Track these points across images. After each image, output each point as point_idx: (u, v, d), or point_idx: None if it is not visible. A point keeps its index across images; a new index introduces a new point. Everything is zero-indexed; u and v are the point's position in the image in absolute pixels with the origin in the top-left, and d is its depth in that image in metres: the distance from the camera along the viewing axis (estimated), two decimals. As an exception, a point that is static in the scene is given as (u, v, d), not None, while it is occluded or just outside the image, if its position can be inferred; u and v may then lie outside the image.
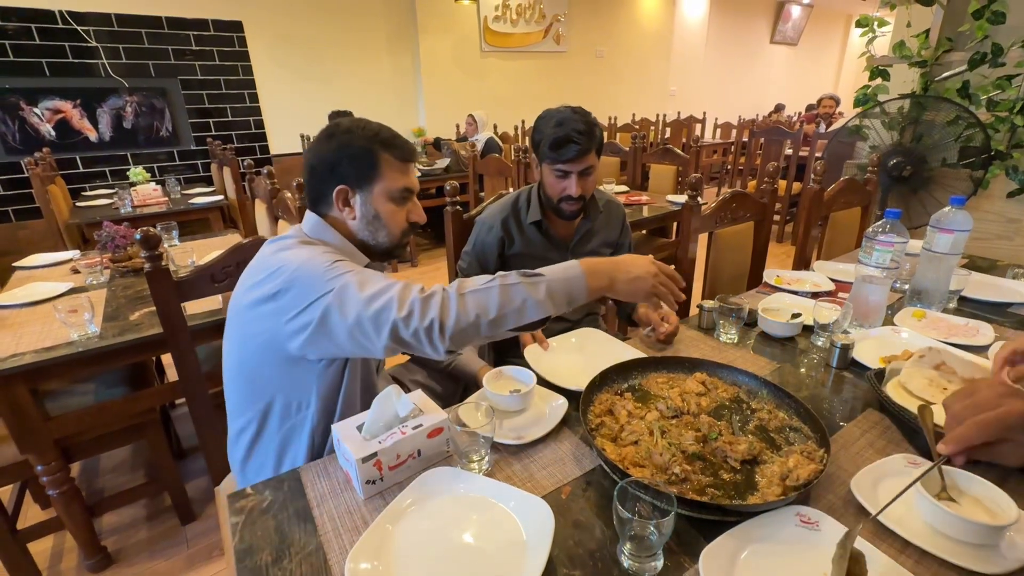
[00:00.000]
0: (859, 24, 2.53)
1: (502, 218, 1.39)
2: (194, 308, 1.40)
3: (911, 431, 0.87)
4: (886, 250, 1.22)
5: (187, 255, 1.89)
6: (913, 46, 2.48)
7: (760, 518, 0.68)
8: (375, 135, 0.90)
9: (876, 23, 2.51)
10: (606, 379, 0.98)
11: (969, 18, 2.27)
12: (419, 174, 4.03)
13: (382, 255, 0.98)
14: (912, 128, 2.57)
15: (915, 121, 2.56)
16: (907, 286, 1.44)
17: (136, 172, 3.69)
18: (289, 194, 1.83)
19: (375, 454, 0.75)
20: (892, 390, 0.93)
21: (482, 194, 3.68)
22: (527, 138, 5.61)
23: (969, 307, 1.38)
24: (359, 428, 0.80)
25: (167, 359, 2.25)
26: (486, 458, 0.81)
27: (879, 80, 2.60)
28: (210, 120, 4.67)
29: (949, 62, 2.46)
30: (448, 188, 1.50)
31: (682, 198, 2.45)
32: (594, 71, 6.90)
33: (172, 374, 2.15)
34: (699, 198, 1.66)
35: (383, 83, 5.48)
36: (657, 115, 6.95)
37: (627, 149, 3.31)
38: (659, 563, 0.63)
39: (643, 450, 0.80)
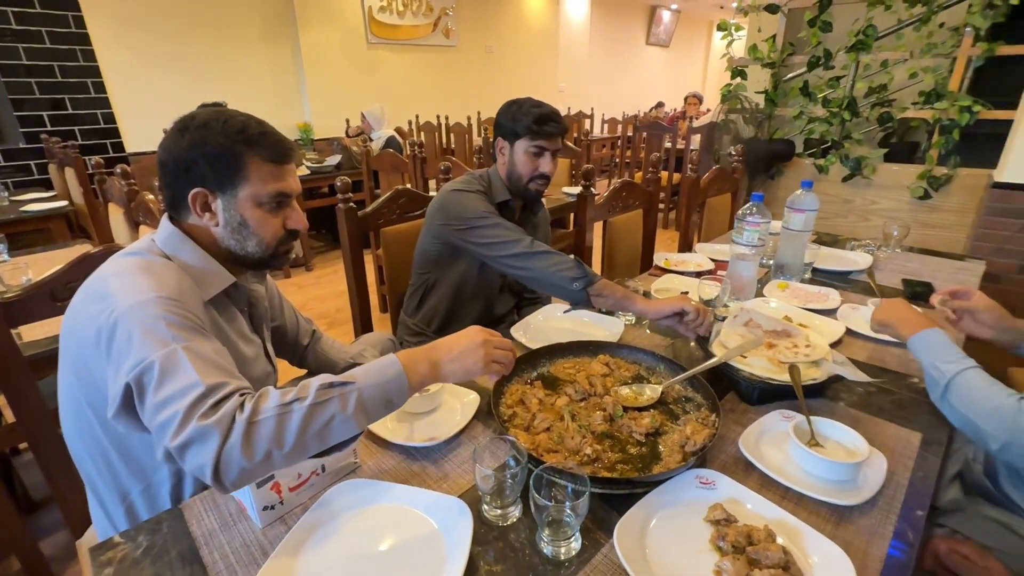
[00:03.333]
0: (720, 28, 2.80)
1: (479, 187, 1.36)
2: (34, 333, 1.18)
3: (732, 381, 0.98)
4: (754, 230, 1.36)
5: (21, 272, 1.59)
6: (764, 49, 2.80)
7: (665, 485, 0.72)
8: (239, 131, 0.77)
9: (734, 28, 2.79)
10: (515, 370, 0.98)
11: (805, 26, 2.61)
12: (308, 173, 3.77)
13: (255, 265, 0.86)
14: (768, 122, 2.91)
15: (769, 116, 2.90)
16: (771, 261, 1.62)
17: (-57, 176, 3.03)
18: (151, 196, 1.61)
19: (271, 476, 0.68)
20: (716, 349, 1.04)
21: (378, 191, 3.54)
22: (422, 133, 5.50)
23: (820, 277, 1.59)
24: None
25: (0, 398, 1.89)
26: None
27: (739, 79, 2.90)
28: (43, 114, 3.97)
29: (792, 64, 2.81)
30: (339, 184, 1.41)
31: (577, 189, 2.55)
32: (485, 66, 6.93)
33: (10, 414, 1.81)
34: (592, 189, 1.73)
35: (260, 74, 5.03)
36: (549, 111, 7.15)
37: (522, 143, 3.37)
38: (577, 544, 0.65)
39: (555, 435, 0.81)
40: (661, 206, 4.89)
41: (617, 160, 6.52)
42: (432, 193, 1.53)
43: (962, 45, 2.28)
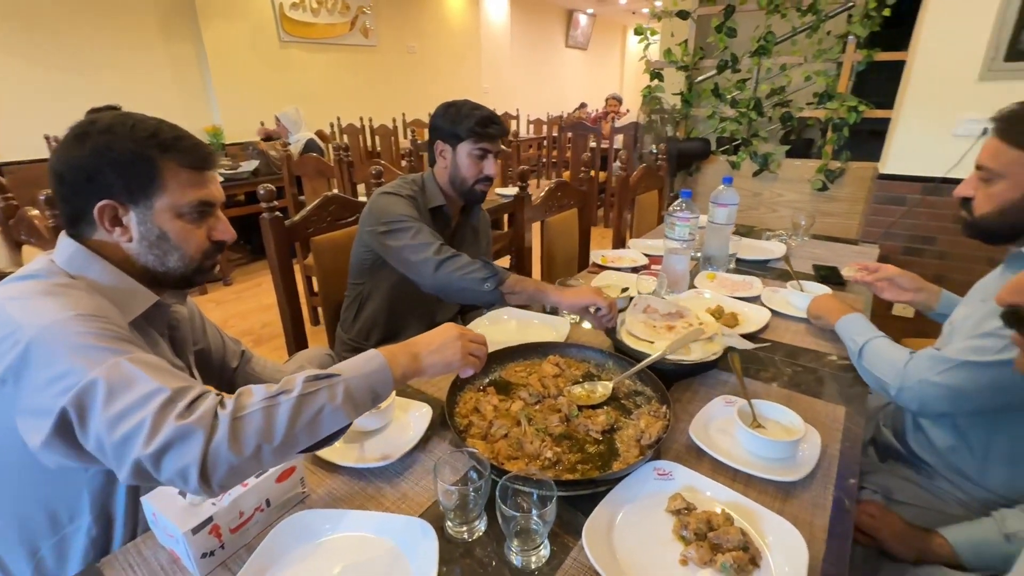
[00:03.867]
0: (637, 32, 2.92)
1: (410, 192, 1.32)
2: None
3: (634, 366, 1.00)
4: (685, 225, 1.43)
5: None
6: (678, 53, 2.95)
7: (626, 481, 0.73)
8: (151, 135, 0.70)
9: (649, 32, 2.92)
10: (468, 377, 0.96)
11: (713, 31, 2.78)
12: (222, 180, 3.50)
13: (178, 283, 0.78)
14: (685, 122, 3.07)
15: (686, 116, 3.07)
16: (699, 254, 1.71)
17: None
18: (35, 211, 1.42)
19: (210, 519, 0.61)
20: (625, 337, 1.09)
21: (302, 198, 3.36)
22: (345, 136, 5.29)
23: (743, 266, 1.70)
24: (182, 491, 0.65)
25: None
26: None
27: (656, 81, 3.04)
28: None
29: (704, 67, 2.99)
30: (262, 192, 1.32)
31: (511, 190, 2.56)
32: (407, 67, 6.80)
33: None
34: (527, 189, 1.74)
35: (160, 75, 4.60)
36: (475, 112, 7.14)
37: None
38: (546, 551, 0.64)
39: (514, 441, 0.80)
40: (590, 204, 5.02)
41: (544, 160, 6.64)
42: (363, 198, 1.47)
43: (846, 51, 2.53)
